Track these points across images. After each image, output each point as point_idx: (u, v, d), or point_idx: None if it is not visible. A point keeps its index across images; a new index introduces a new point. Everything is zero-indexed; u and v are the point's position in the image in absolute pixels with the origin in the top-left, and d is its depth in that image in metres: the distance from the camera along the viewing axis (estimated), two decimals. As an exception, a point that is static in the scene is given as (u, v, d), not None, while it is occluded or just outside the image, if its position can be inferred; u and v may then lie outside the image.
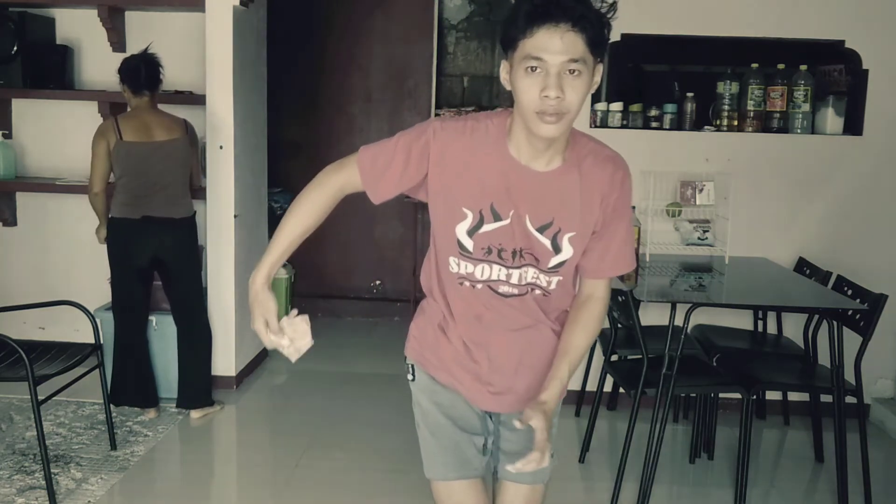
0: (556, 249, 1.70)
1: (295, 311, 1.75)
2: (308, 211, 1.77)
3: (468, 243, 1.70)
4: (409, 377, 1.98)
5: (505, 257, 1.70)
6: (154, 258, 3.74)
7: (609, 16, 1.57)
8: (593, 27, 1.53)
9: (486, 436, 1.93)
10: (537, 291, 1.76)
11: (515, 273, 1.72)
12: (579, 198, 1.68)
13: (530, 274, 1.72)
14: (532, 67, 1.52)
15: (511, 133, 1.66)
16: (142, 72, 3.64)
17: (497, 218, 1.67)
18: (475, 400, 1.88)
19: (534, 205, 1.66)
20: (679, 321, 3.04)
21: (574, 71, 1.52)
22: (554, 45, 1.50)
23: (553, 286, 1.76)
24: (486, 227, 1.68)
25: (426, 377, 1.93)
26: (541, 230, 1.68)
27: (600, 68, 1.60)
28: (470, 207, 1.67)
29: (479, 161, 1.66)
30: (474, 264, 1.72)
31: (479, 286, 1.75)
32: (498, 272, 1.72)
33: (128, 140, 3.62)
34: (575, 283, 1.83)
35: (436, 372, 1.90)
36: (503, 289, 1.75)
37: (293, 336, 1.74)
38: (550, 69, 1.51)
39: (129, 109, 3.83)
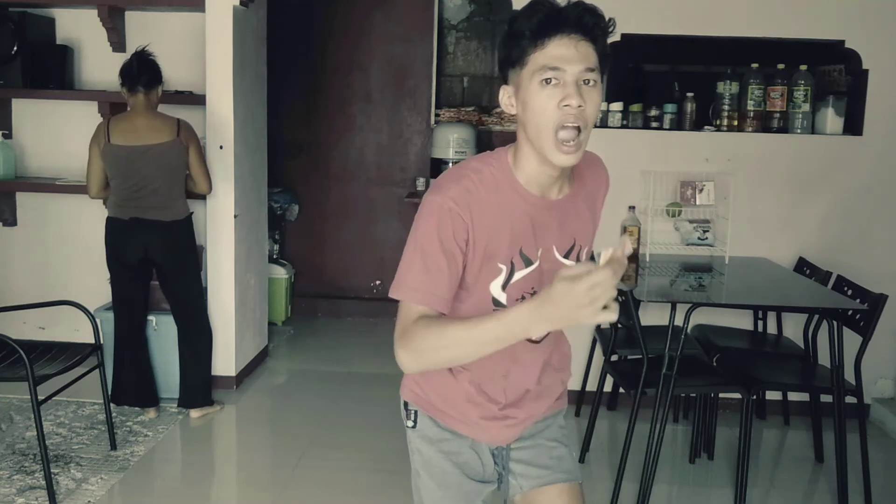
0: None
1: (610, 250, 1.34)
2: (441, 327, 1.44)
3: (502, 297, 1.58)
4: (409, 423, 1.79)
5: None
6: (145, 258, 3.73)
7: (610, 30, 1.53)
8: (603, 38, 1.50)
9: (498, 471, 1.79)
10: None
11: None
12: (589, 210, 1.67)
13: None
14: (547, 80, 1.45)
15: (518, 167, 1.56)
16: (134, 67, 3.63)
17: (527, 263, 1.57)
18: (491, 438, 1.74)
19: (557, 234, 1.60)
20: (679, 321, 3.04)
21: (589, 81, 1.46)
22: (570, 53, 1.44)
23: None
24: (518, 276, 1.57)
25: (430, 424, 1.76)
26: (567, 255, 1.63)
27: (601, 86, 1.55)
28: (503, 261, 1.56)
29: (500, 206, 1.54)
30: None
31: None
32: None
33: (115, 143, 3.62)
34: None
35: (441, 417, 1.74)
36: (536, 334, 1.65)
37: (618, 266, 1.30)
38: (568, 79, 1.44)
39: (128, 110, 3.82)
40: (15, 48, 4.28)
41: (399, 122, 5.79)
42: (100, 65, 4.49)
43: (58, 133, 4.58)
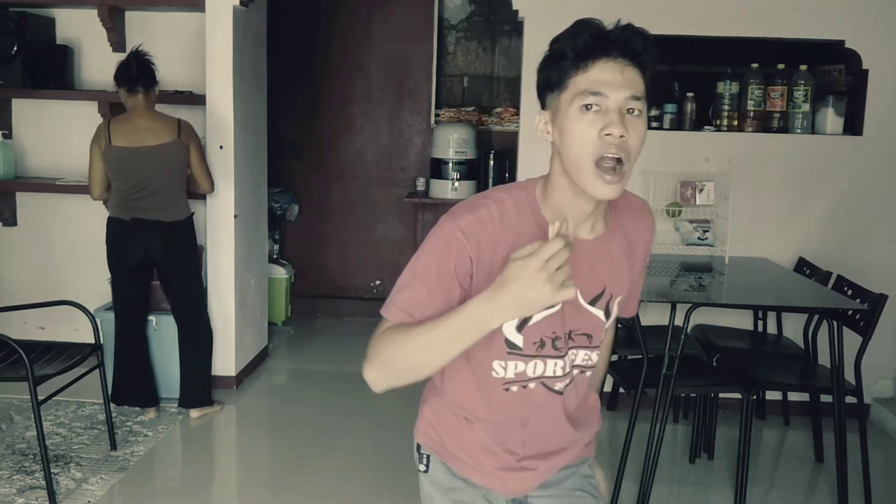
0: (608, 317, 1.53)
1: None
2: (409, 331, 1.38)
3: (517, 339, 1.45)
4: (421, 468, 1.67)
5: (559, 346, 1.47)
6: (145, 258, 3.73)
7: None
8: (652, 65, 1.39)
9: None
10: (587, 373, 1.56)
11: (565, 361, 1.50)
12: (627, 257, 1.52)
13: (580, 356, 1.52)
14: (588, 105, 1.33)
15: (547, 200, 1.43)
16: (132, 68, 3.63)
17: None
18: (507, 489, 1.61)
19: (585, 278, 1.45)
20: (679, 321, 3.04)
21: (634, 110, 1.34)
22: (615, 78, 1.33)
23: (597, 359, 1.57)
24: (537, 317, 1.43)
25: (444, 471, 1.63)
26: (593, 302, 1.49)
27: (646, 111, 1.41)
28: None
29: (519, 243, 1.36)
30: (526, 362, 1.48)
31: (533, 385, 1.51)
32: (553, 366, 1.48)
33: (116, 145, 3.61)
34: None
35: (455, 463, 1.61)
36: (559, 385, 1.52)
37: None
38: (611, 105, 1.32)
39: (127, 111, 3.82)
40: (15, 48, 4.27)
41: (399, 122, 5.79)
42: (100, 65, 4.49)
43: (58, 133, 4.58)
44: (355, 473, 3.43)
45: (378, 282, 5.87)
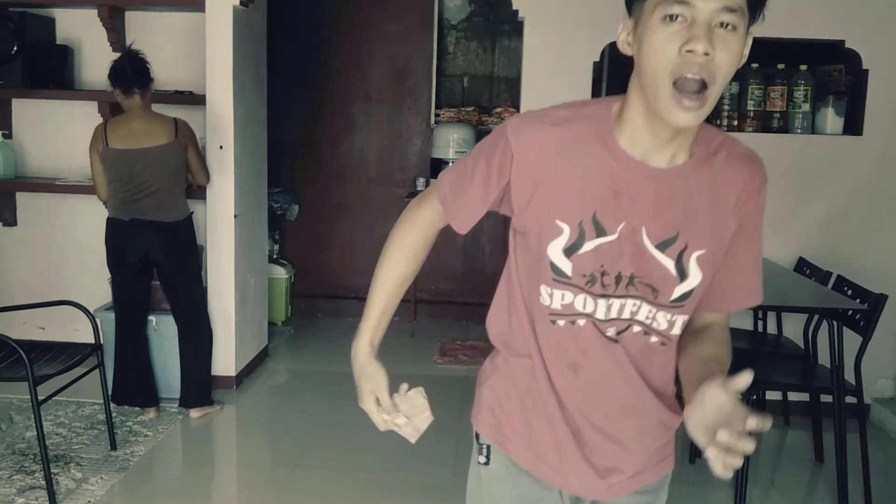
0: (682, 275, 1.29)
1: (406, 386, 1.49)
2: (400, 255, 1.51)
3: (565, 266, 1.30)
4: (481, 460, 1.50)
5: (608, 283, 1.30)
6: (145, 258, 3.73)
7: None
8: None
9: None
10: (653, 338, 1.34)
11: (616, 304, 1.31)
12: (710, 204, 1.29)
13: (642, 311, 1.31)
14: (672, 16, 1.15)
15: (622, 119, 1.27)
16: (128, 69, 3.61)
17: (601, 232, 1.27)
18: (576, 487, 1.45)
19: (653, 214, 1.27)
20: (679, 321, 3.04)
21: (727, 24, 1.15)
22: None
23: (675, 329, 1.34)
24: (588, 245, 1.28)
25: (507, 463, 1.46)
26: (661, 247, 1.28)
27: (750, 41, 1.23)
28: (566, 219, 1.28)
29: (576, 157, 1.28)
30: (574, 293, 1.31)
31: (582, 322, 1.33)
32: (606, 308, 1.31)
33: (113, 147, 3.61)
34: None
35: (520, 454, 1.45)
36: (611, 331, 1.33)
37: (410, 413, 1.47)
38: (698, 17, 1.14)
39: (124, 112, 3.81)
40: (15, 48, 4.27)
41: (399, 122, 5.79)
42: (100, 65, 4.47)
43: (58, 133, 4.58)
44: (355, 474, 3.43)
45: (378, 282, 5.86)
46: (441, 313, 5.75)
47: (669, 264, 1.29)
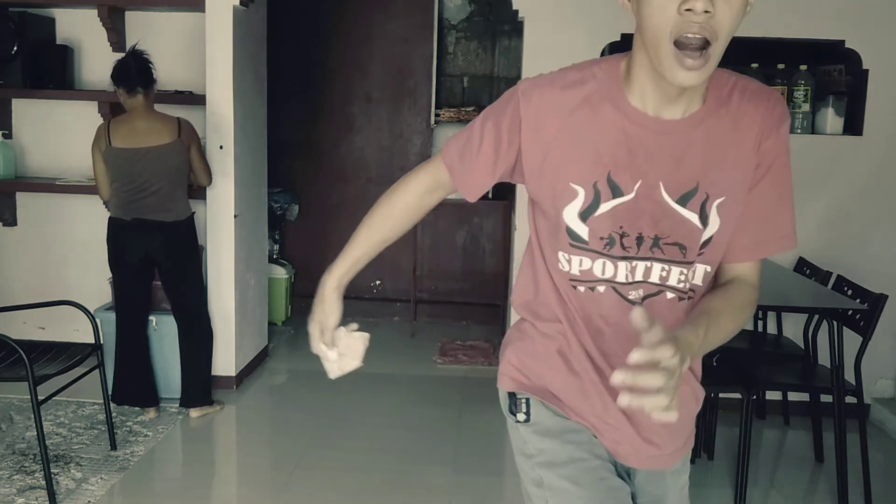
0: (705, 224, 1.25)
1: (355, 326, 1.56)
2: (389, 215, 1.50)
3: (582, 230, 1.26)
4: (521, 416, 1.42)
5: (628, 245, 1.26)
6: (146, 258, 3.74)
7: None
8: None
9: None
10: (683, 300, 1.29)
11: (641, 267, 1.27)
12: (729, 148, 1.24)
13: (674, 275, 1.27)
14: None
15: (630, 77, 1.24)
16: (132, 68, 3.62)
17: (617, 192, 1.24)
18: (622, 453, 1.39)
19: (670, 168, 1.23)
20: (679, 321, 3.03)
21: None
22: None
23: (697, 279, 1.30)
24: (605, 207, 1.24)
25: (549, 414, 1.39)
26: (683, 201, 1.24)
27: None
28: (580, 182, 1.25)
29: (587, 117, 1.24)
30: (592, 259, 1.28)
31: (602, 287, 1.30)
32: (626, 271, 1.27)
33: (116, 146, 3.62)
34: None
35: (562, 407, 1.39)
36: (633, 294, 1.29)
37: (344, 352, 1.56)
38: None
39: (126, 111, 3.81)
40: (15, 48, 4.27)
41: (399, 122, 5.79)
42: (100, 65, 4.48)
43: (58, 133, 4.58)
44: (355, 473, 3.43)
45: (378, 282, 5.87)
46: (441, 313, 5.75)
47: (693, 217, 1.24)
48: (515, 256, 4.27)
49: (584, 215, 1.26)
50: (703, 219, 1.25)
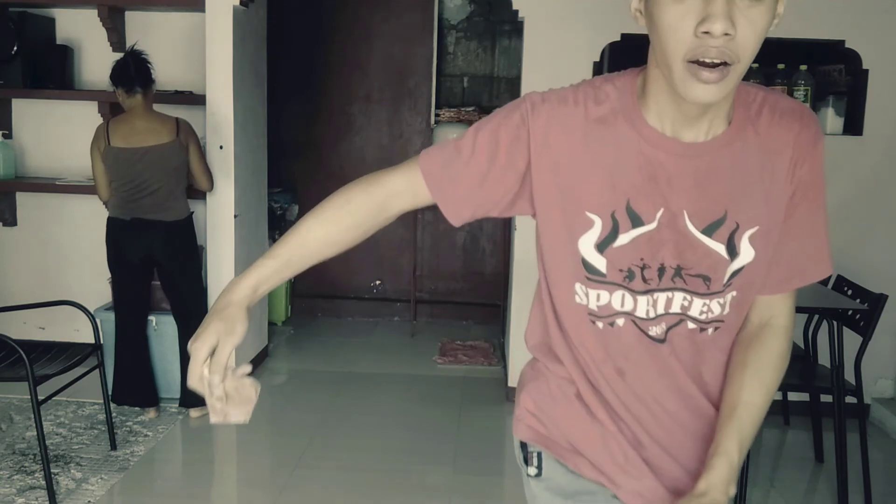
0: (733, 255, 1.15)
1: (248, 368, 1.23)
2: (339, 215, 1.25)
3: (599, 262, 1.16)
4: (532, 471, 1.31)
5: (649, 277, 1.15)
6: (146, 258, 3.74)
7: None
8: None
9: None
10: (709, 331, 1.19)
11: (662, 298, 1.17)
12: (760, 172, 1.14)
13: (696, 306, 1.17)
14: None
15: (646, 95, 1.13)
16: (131, 68, 3.63)
17: (637, 222, 1.13)
18: (631, 489, 1.27)
19: (694, 195, 1.12)
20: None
21: None
22: None
23: (727, 310, 1.18)
24: (624, 238, 1.14)
25: (563, 471, 1.28)
26: (709, 231, 1.13)
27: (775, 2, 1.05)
28: (597, 211, 1.14)
29: (603, 139, 1.13)
30: (610, 291, 1.17)
31: (621, 321, 1.19)
32: (647, 305, 1.17)
33: (115, 146, 3.62)
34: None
35: (573, 461, 1.27)
36: (655, 330, 1.19)
37: (231, 393, 1.21)
38: None
39: (125, 111, 3.81)
40: (15, 48, 4.27)
41: (399, 122, 5.79)
42: (100, 65, 4.48)
43: (58, 133, 4.58)
44: (355, 473, 3.43)
45: (378, 282, 5.87)
46: (441, 313, 5.75)
47: (720, 248, 1.14)
48: (515, 256, 4.27)
49: (601, 246, 1.15)
50: (731, 250, 1.14)
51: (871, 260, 4.01)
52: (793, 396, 4.06)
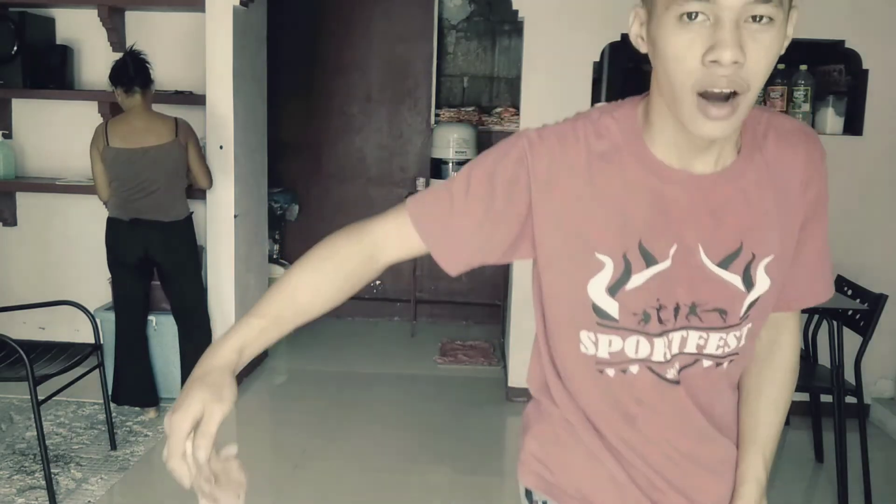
0: (749, 286, 1.11)
1: (233, 451, 1.10)
2: (315, 269, 1.13)
3: (611, 307, 1.09)
4: None
5: (665, 318, 1.09)
6: (145, 258, 3.74)
7: None
8: None
9: None
10: (725, 365, 1.14)
11: (677, 339, 1.11)
12: (773, 198, 1.11)
13: (712, 342, 1.11)
14: (691, 14, 0.93)
15: (650, 126, 1.08)
16: (130, 68, 3.63)
17: (651, 261, 1.07)
18: None
19: (709, 228, 1.07)
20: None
21: (761, 18, 0.93)
22: None
23: (743, 342, 1.14)
24: (637, 279, 1.07)
25: None
26: (725, 264, 1.08)
27: (795, 15, 1.00)
28: (607, 252, 1.07)
29: (608, 175, 1.07)
30: (623, 337, 1.10)
31: (635, 368, 1.12)
32: (663, 348, 1.10)
33: (114, 146, 3.62)
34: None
35: None
36: (671, 372, 1.12)
37: (219, 476, 1.07)
38: (723, 14, 0.92)
39: (124, 111, 3.81)
40: (15, 48, 4.28)
41: (399, 122, 5.79)
42: (100, 65, 4.48)
43: (58, 133, 4.58)
44: (355, 473, 3.43)
45: (378, 282, 5.87)
46: (441, 313, 5.76)
47: (736, 280, 1.09)
48: (515, 256, 4.27)
49: (613, 290, 1.08)
50: (748, 281, 1.10)
51: (871, 260, 4.01)
52: (793, 396, 4.06)
